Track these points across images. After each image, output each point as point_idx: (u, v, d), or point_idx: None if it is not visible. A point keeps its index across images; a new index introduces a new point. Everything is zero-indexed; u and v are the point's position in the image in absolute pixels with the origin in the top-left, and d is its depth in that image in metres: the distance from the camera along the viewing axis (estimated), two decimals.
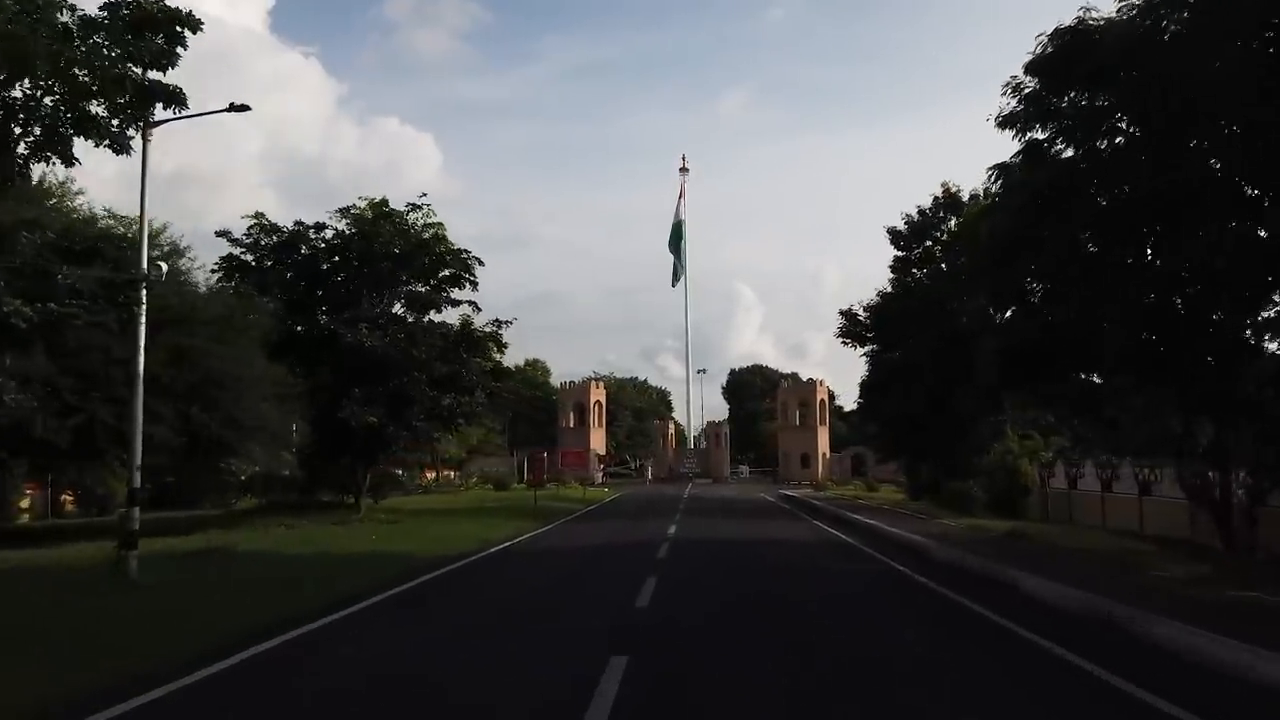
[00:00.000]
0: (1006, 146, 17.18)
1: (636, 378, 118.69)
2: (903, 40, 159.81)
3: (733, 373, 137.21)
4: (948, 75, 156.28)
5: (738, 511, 33.14)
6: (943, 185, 32.41)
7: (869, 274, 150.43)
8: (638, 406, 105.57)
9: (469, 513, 27.95)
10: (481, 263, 23.20)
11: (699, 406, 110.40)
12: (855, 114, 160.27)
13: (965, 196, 32.32)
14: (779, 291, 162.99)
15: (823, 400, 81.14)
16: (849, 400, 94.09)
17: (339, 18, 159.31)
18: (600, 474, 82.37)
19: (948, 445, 31.13)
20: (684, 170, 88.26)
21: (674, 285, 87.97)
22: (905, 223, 33.46)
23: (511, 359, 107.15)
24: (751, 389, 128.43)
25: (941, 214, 32.79)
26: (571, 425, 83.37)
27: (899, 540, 20.06)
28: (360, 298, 22.32)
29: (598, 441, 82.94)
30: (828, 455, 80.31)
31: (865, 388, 37.71)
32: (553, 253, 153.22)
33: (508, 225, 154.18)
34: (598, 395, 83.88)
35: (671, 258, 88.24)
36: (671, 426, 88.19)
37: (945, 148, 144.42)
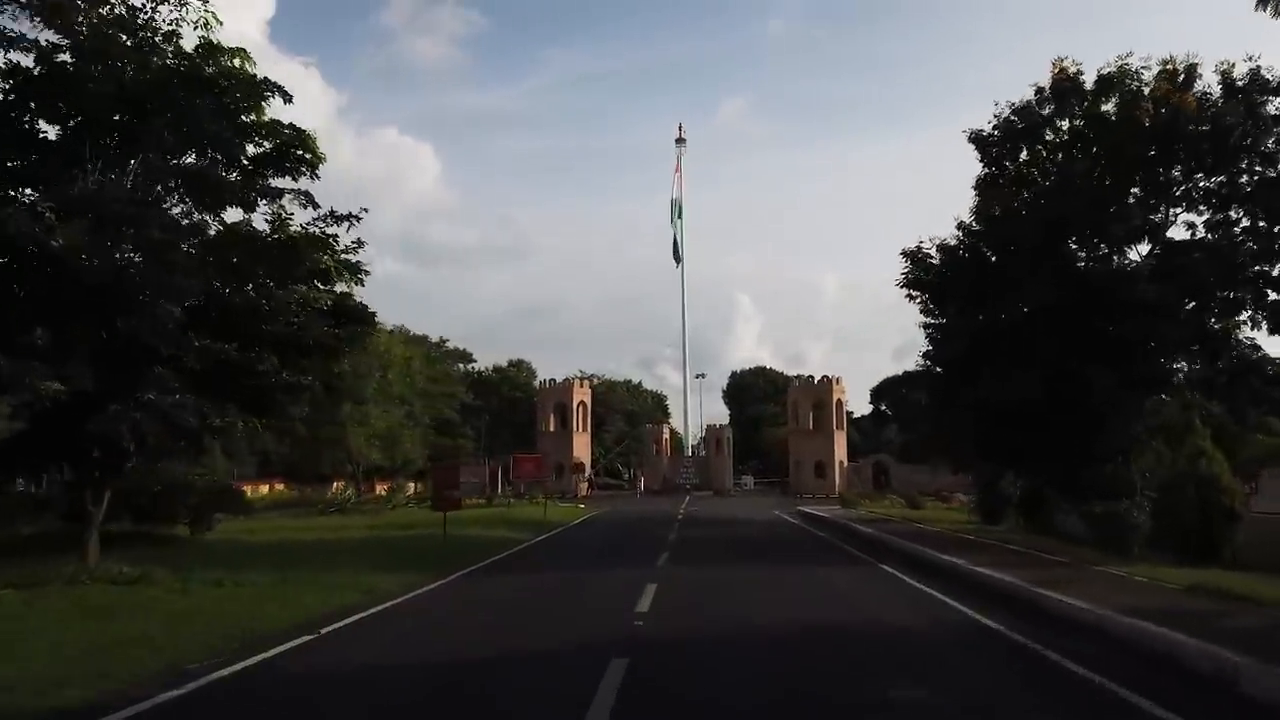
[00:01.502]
0: None
1: (630, 381, 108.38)
2: (902, 52, 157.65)
3: (734, 375, 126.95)
4: (947, 87, 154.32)
5: (756, 544, 22.62)
6: (1055, 65, 21.99)
7: (869, 284, 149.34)
8: (630, 410, 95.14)
9: (333, 554, 17.47)
10: (289, 96, 12.75)
11: (697, 413, 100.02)
12: (854, 124, 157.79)
13: (1090, 81, 21.91)
14: (778, 301, 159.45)
15: (839, 400, 70.63)
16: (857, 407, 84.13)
17: (338, 28, 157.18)
18: (584, 485, 71.93)
19: (1074, 445, 20.65)
20: (680, 141, 78.07)
21: (677, 264, 77.49)
22: (995, 126, 23.09)
23: (492, 359, 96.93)
24: (754, 392, 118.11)
25: (1051, 109, 22.40)
26: (552, 429, 72.85)
27: (1131, 639, 9.50)
28: (84, 171, 12.04)
29: (581, 448, 72.43)
30: (845, 464, 69.82)
31: (931, 371, 27.02)
32: (551, 262, 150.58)
33: (506, 235, 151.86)
34: (581, 396, 73.36)
35: (672, 237, 77.91)
36: (667, 432, 77.68)
37: (944, 159, 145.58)
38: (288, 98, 12.76)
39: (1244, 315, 20.72)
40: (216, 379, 12.65)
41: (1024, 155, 23.09)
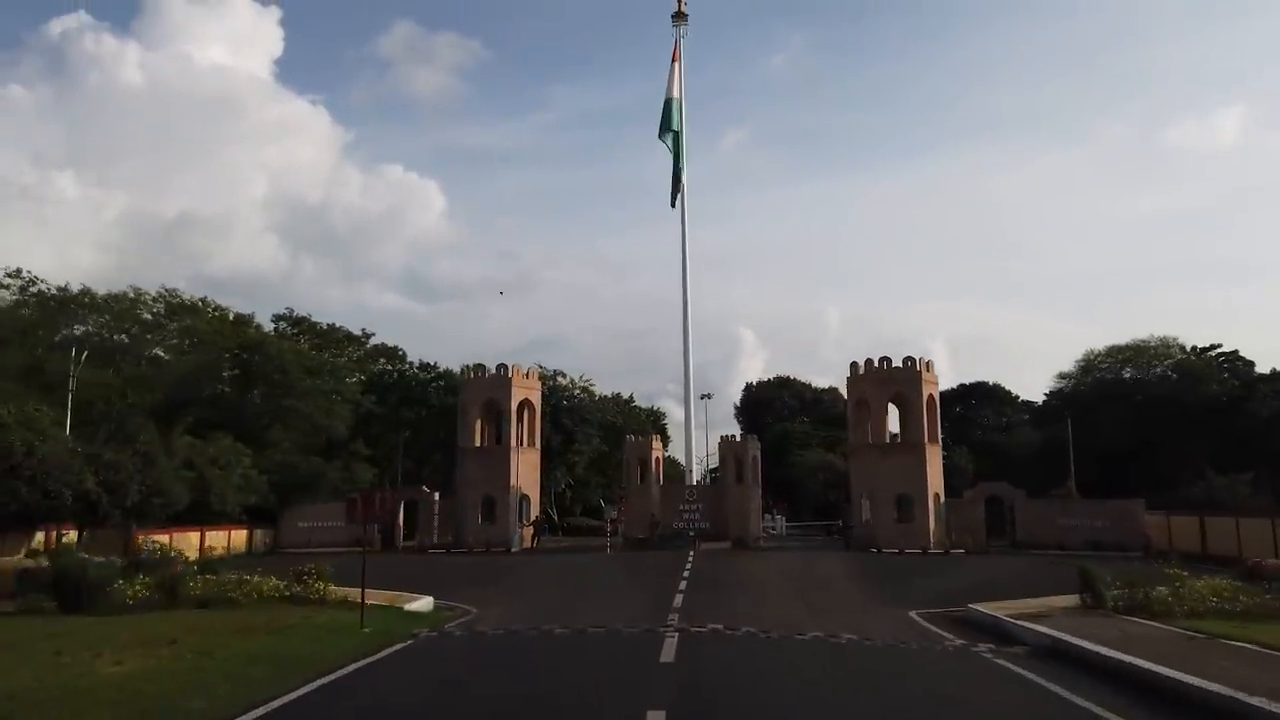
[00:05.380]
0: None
1: (620, 395, 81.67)
2: (903, 87, 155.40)
3: (749, 389, 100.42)
4: (947, 121, 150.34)
5: None
6: None
7: (870, 317, 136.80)
8: (612, 422, 68.83)
9: None
10: None
11: (703, 444, 74.06)
12: (855, 159, 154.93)
13: None
14: (781, 335, 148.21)
15: (931, 397, 44.60)
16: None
17: (344, 66, 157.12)
18: (529, 532, 45.93)
19: None
20: (680, 17, 52.73)
21: (673, 204, 52.22)
22: None
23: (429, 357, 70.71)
24: (777, 408, 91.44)
25: None
26: (482, 443, 46.93)
27: None
28: None
29: (526, 473, 46.40)
30: (942, 498, 43.70)
31: None
32: (554, 297, 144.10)
33: (510, 270, 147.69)
34: (526, 392, 47.35)
35: (673, 169, 52.54)
36: (659, 450, 50.93)
37: (943, 193, 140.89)
38: None
39: None
40: None
41: None
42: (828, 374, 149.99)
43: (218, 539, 39.02)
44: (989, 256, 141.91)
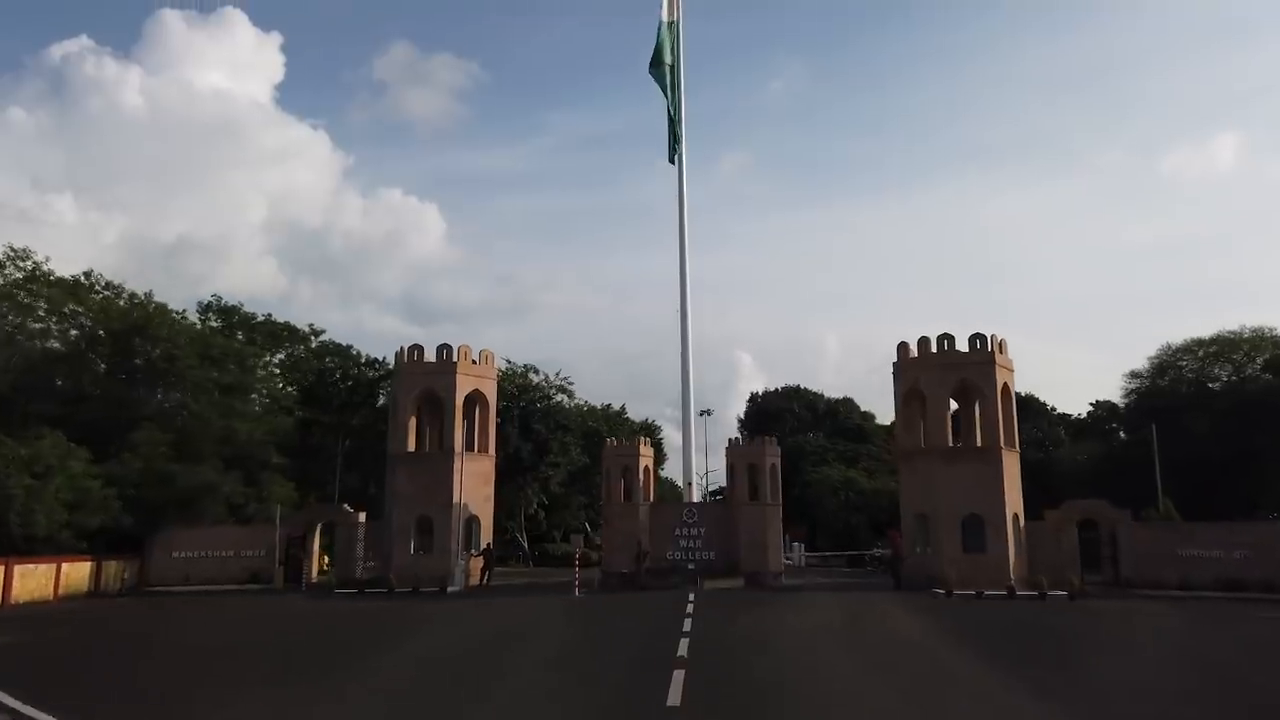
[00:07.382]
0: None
1: (611, 407, 70.56)
2: (902, 112, 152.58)
3: (755, 399, 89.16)
4: (946, 147, 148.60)
5: None
6: None
7: (869, 343, 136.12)
8: (595, 429, 57.84)
9: None
10: None
11: (703, 463, 63.47)
12: (854, 185, 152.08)
13: None
14: (780, 359, 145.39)
15: (1006, 387, 33.89)
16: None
17: (344, 90, 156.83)
18: (478, 564, 35.18)
19: None
20: None
21: (671, 160, 42.23)
22: None
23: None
24: (784, 421, 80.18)
25: None
26: (422, 448, 36.27)
27: None
28: None
29: (475, 487, 35.60)
30: (1022, 520, 32.96)
31: None
32: (553, 321, 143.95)
33: (509, 294, 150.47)
34: (476, 382, 36.56)
35: (668, 117, 42.42)
36: (649, 458, 39.84)
37: (942, 218, 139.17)
38: None
39: None
40: None
41: None
42: (827, 390, 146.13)
43: (37, 576, 28.19)
44: (987, 282, 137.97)
